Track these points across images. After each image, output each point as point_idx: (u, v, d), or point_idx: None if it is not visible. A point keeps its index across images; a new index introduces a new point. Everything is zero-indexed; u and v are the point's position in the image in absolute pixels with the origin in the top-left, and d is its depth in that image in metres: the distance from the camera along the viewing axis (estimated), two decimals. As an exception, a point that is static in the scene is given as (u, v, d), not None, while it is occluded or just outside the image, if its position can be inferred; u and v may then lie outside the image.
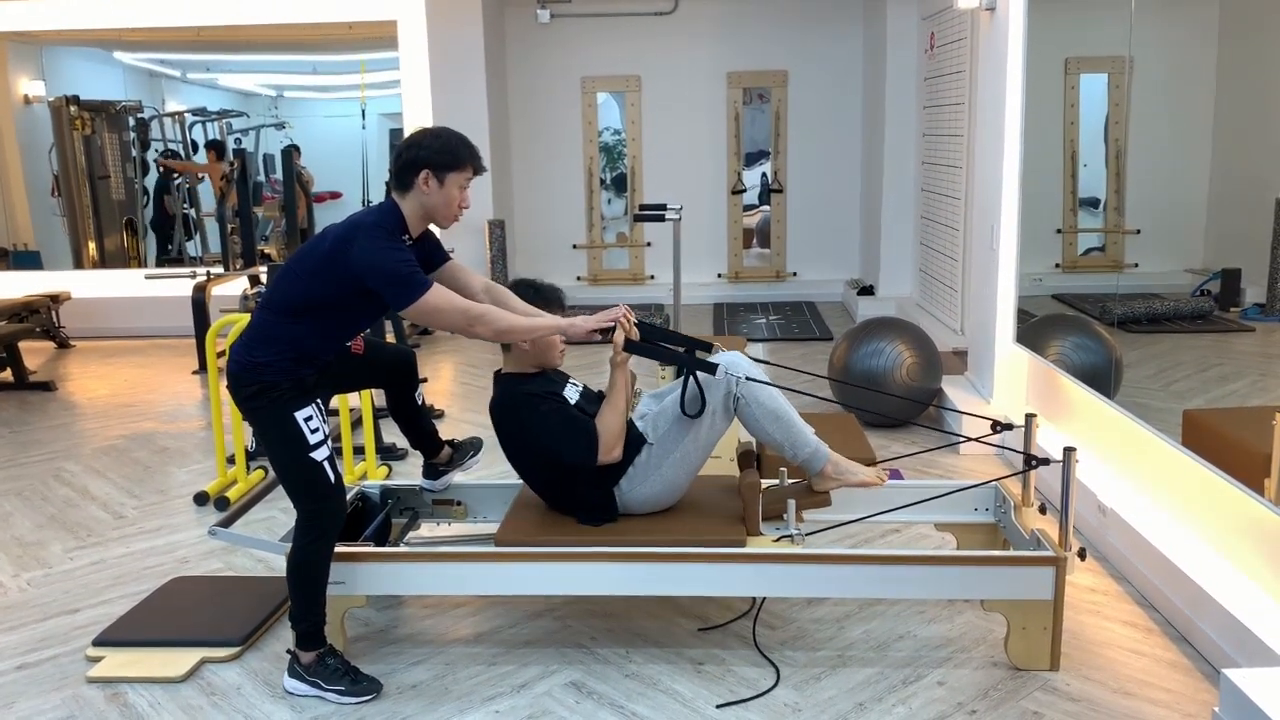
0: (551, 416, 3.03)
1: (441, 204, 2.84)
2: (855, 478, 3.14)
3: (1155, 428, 3.52)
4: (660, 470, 3.09)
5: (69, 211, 9.52)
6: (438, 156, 2.81)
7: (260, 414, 2.86)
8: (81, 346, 8.28)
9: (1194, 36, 3.66)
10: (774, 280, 9.75)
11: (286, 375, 2.82)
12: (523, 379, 3.12)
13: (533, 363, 3.13)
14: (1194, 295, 3.60)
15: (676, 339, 3.29)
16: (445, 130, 2.89)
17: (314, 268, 2.81)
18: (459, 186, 2.85)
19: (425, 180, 2.81)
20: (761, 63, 9.46)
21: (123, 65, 9.91)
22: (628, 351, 3.05)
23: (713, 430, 3.11)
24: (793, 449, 3.11)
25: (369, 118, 9.84)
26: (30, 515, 4.48)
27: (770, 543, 3.02)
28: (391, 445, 5.00)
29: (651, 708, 2.83)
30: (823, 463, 3.11)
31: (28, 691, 3.00)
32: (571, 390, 3.19)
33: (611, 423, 3.02)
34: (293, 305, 2.83)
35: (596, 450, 3.00)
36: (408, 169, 2.81)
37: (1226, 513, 3.13)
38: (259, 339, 2.84)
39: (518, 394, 3.08)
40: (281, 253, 8.48)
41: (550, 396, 3.08)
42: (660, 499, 3.14)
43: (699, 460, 3.14)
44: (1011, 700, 2.82)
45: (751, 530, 3.06)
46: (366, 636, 3.25)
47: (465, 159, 2.85)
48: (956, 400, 5.11)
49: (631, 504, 3.13)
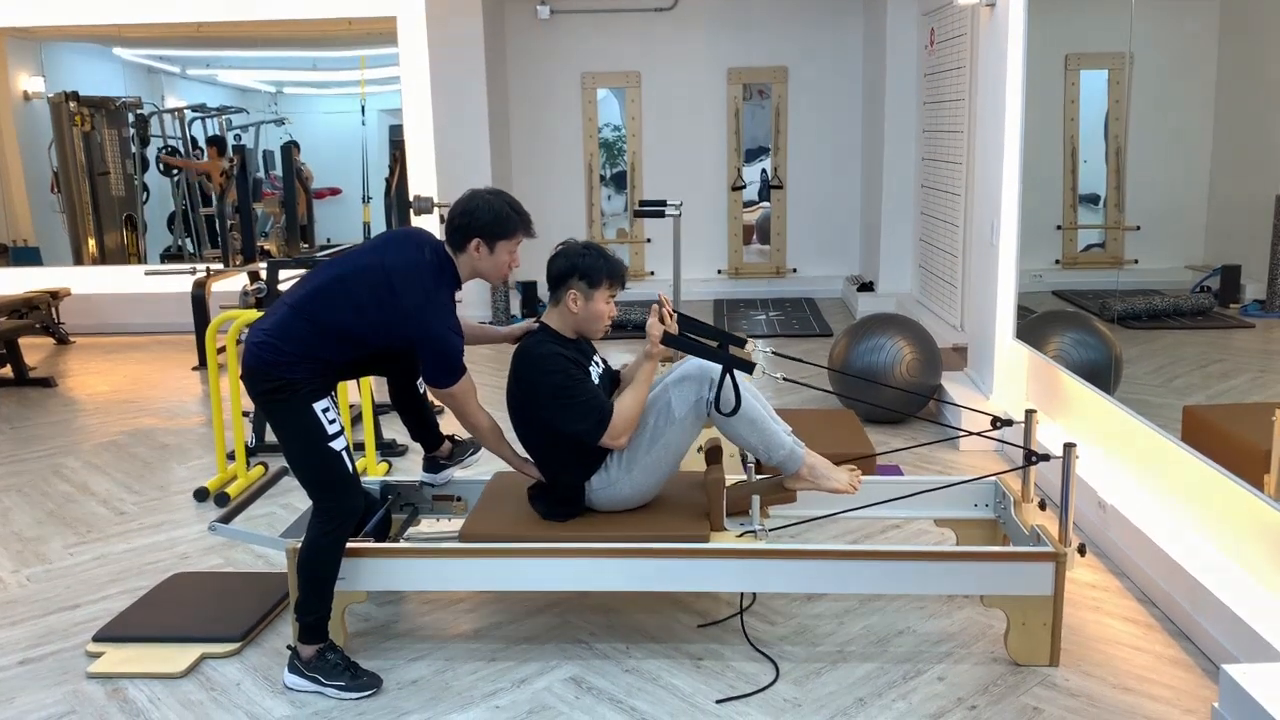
0: (573, 384, 2.99)
1: (491, 268, 2.99)
2: (829, 483, 3.11)
3: (1155, 424, 3.52)
4: (631, 474, 3.07)
5: (69, 208, 9.51)
6: (489, 227, 2.93)
7: (278, 408, 2.87)
8: (81, 342, 8.28)
9: (1195, 32, 3.66)
10: (774, 276, 9.75)
11: (307, 373, 2.85)
12: (558, 339, 3.09)
13: (574, 327, 3.11)
14: (1194, 291, 3.60)
15: (712, 334, 3.23)
16: (497, 196, 2.98)
17: (368, 308, 2.86)
18: (508, 252, 2.99)
19: (477, 247, 2.94)
20: (762, 59, 9.46)
21: (122, 61, 9.89)
22: (665, 345, 3.02)
23: (685, 435, 3.08)
24: (767, 452, 3.09)
25: (369, 114, 9.82)
26: (30, 511, 4.48)
27: (733, 538, 3.02)
28: (392, 441, 5.01)
29: (651, 703, 2.83)
30: (798, 465, 3.09)
31: (29, 687, 3.01)
32: (594, 368, 3.18)
33: (629, 410, 2.99)
34: (328, 326, 2.86)
35: (604, 430, 2.97)
36: (460, 234, 2.94)
37: (1227, 509, 3.13)
38: (282, 336, 2.85)
39: (549, 350, 3.04)
40: (281, 249, 8.48)
41: (578, 365, 3.06)
42: (629, 501, 3.12)
43: (670, 466, 3.12)
44: (1011, 696, 2.82)
45: (715, 526, 3.06)
46: (367, 632, 3.25)
47: (516, 228, 2.97)
48: (956, 396, 5.11)
49: (599, 503, 3.12)
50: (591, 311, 3.05)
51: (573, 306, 3.04)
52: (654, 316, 3.04)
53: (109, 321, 8.58)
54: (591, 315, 3.06)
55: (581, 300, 3.03)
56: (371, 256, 2.93)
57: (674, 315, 3.09)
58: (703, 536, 3.01)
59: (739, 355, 3.07)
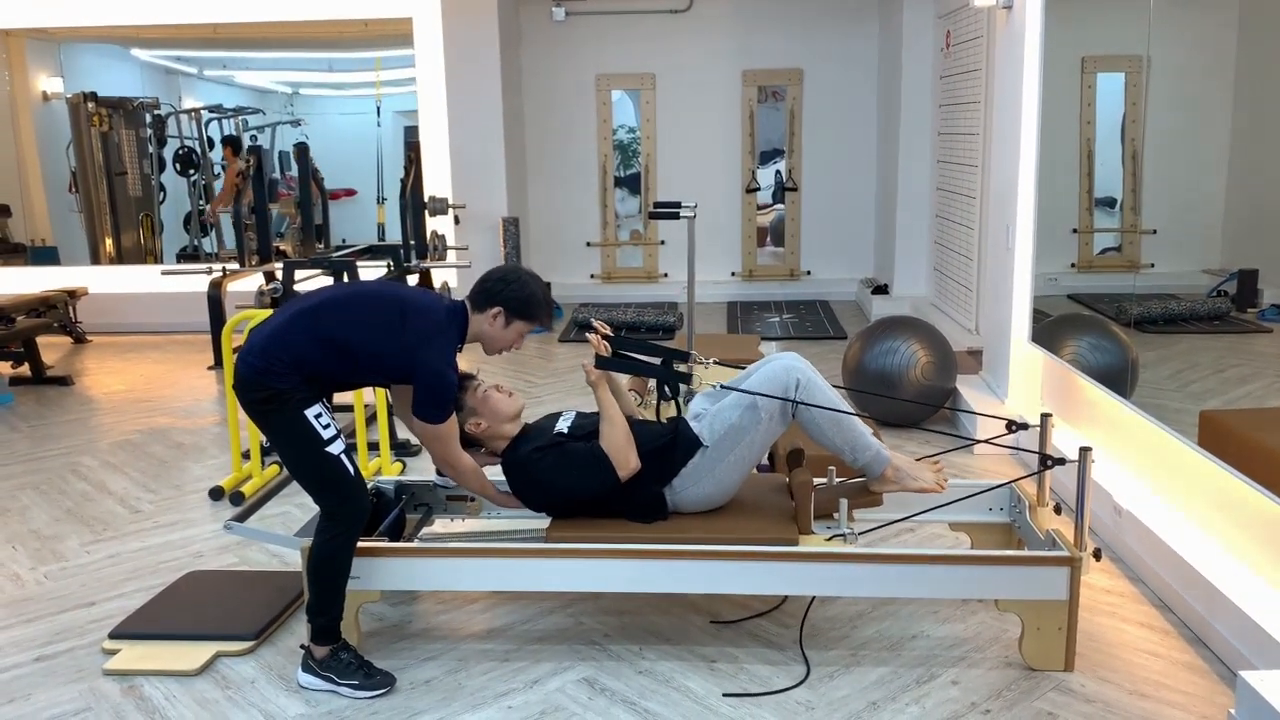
0: (560, 463, 3.06)
1: (496, 339, 3.02)
2: (915, 483, 3.13)
3: (1172, 428, 3.50)
4: (714, 472, 3.08)
5: (86, 208, 9.58)
6: (517, 304, 2.97)
7: (271, 418, 2.88)
8: (98, 341, 8.33)
9: (1213, 35, 3.64)
10: (788, 279, 9.74)
11: (295, 383, 2.85)
12: (517, 441, 3.17)
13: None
14: (1211, 295, 3.58)
15: (653, 351, 3.30)
16: (536, 282, 3.03)
17: (374, 325, 2.87)
18: (519, 334, 3.03)
19: (495, 315, 2.96)
20: (776, 61, 9.45)
21: (140, 62, 9.96)
22: (601, 368, 3.10)
23: (769, 434, 3.10)
24: (853, 453, 3.10)
25: (384, 115, 9.86)
26: (47, 509, 4.51)
27: (823, 542, 3.02)
28: (405, 441, 5.02)
29: (664, 704, 2.83)
30: (883, 466, 3.10)
31: (45, 683, 3.03)
32: (564, 422, 3.23)
33: (613, 439, 3.03)
34: (329, 337, 2.87)
35: (613, 470, 3.01)
36: (486, 297, 2.97)
37: (1243, 514, 3.11)
38: (279, 345, 2.85)
39: (520, 458, 3.13)
40: (296, 249, 8.51)
41: (550, 446, 3.11)
42: (712, 499, 3.14)
43: (753, 462, 3.14)
44: (1026, 701, 2.81)
45: (804, 529, 3.05)
46: (380, 632, 3.26)
47: (537, 316, 3.02)
48: (971, 400, 5.09)
49: (683, 504, 3.13)
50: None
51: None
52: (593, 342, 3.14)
53: (126, 321, 8.63)
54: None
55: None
56: (389, 287, 3.03)
57: (606, 343, 3.15)
58: (792, 540, 3.00)
59: (675, 369, 3.18)
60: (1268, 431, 3.15)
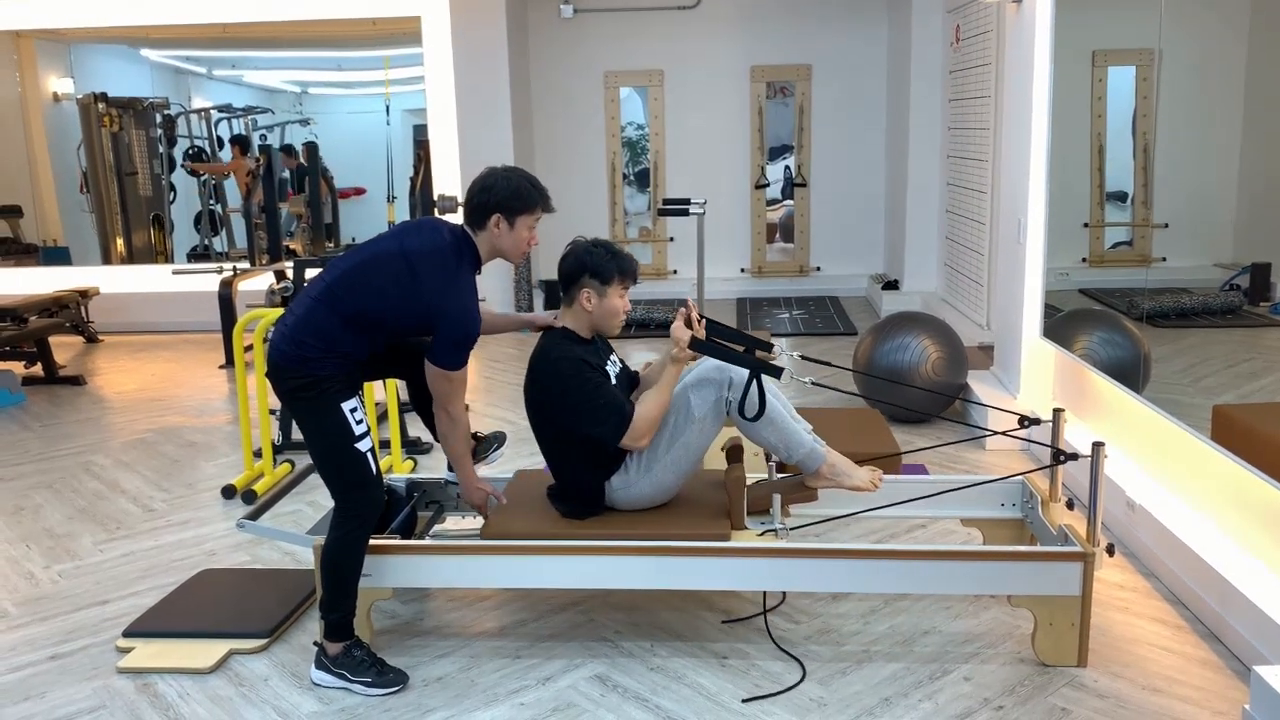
0: (592, 387, 3.00)
1: (511, 245, 2.97)
2: (850, 480, 3.11)
3: (1184, 423, 3.49)
4: (651, 473, 3.08)
5: (97, 208, 9.61)
6: (508, 201, 2.92)
7: (306, 405, 2.88)
8: (110, 341, 8.36)
9: (1224, 28, 3.62)
10: (797, 275, 9.73)
11: (332, 369, 2.85)
12: (577, 340, 3.09)
13: (590, 325, 3.10)
14: (1223, 290, 3.56)
15: (737, 338, 3.18)
16: (514, 173, 2.97)
17: (389, 290, 2.86)
18: (528, 228, 2.97)
19: (497, 223, 2.92)
20: (785, 57, 9.43)
21: (149, 62, 9.98)
22: (693, 350, 3.00)
23: (704, 435, 3.08)
24: (787, 451, 3.09)
25: (393, 114, 9.86)
26: (61, 508, 4.53)
27: (754, 536, 3.02)
28: (416, 439, 5.03)
29: (676, 701, 2.83)
30: (818, 464, 3.09)
31: (60, 681, 3.04)
32: (612, 367, 3.18)
33: (651, 413, 2.99)
34: (353, 314, 2.87)
35: (624, 432, 2.97)
36: (480, 212, 2.93)
37: (1257, 509, 3.10)
38: (308, 330, 2.85)
39: (569, 353, 3.03)
40: (306, 248, 8.53)
41: (598, 368, 3.07)
42: (649, 500, 3.13)
43: (690, 465, 3.12)
44: (1039, 696, 2.81)
45: (736, 525, 3.06)
46: (392, 629, 3.27)
47: (535, 202, 2.95)
48: (983, 395, 5.08)
49: (619, 502, 3.12)
50: (606, 309, 3.05)
51: (586, 305, 3.04)
52: (680, 320, 3.04)
53: (137, 320, 8.66)
54: (606, 312, 3.06)
55: (595, 298, 3.03)
56: (390, 243, 2.94)
57: (702, 320, 3.08)
58: (723, 535, 3.00)
59: (766, 360, 3.05)
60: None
